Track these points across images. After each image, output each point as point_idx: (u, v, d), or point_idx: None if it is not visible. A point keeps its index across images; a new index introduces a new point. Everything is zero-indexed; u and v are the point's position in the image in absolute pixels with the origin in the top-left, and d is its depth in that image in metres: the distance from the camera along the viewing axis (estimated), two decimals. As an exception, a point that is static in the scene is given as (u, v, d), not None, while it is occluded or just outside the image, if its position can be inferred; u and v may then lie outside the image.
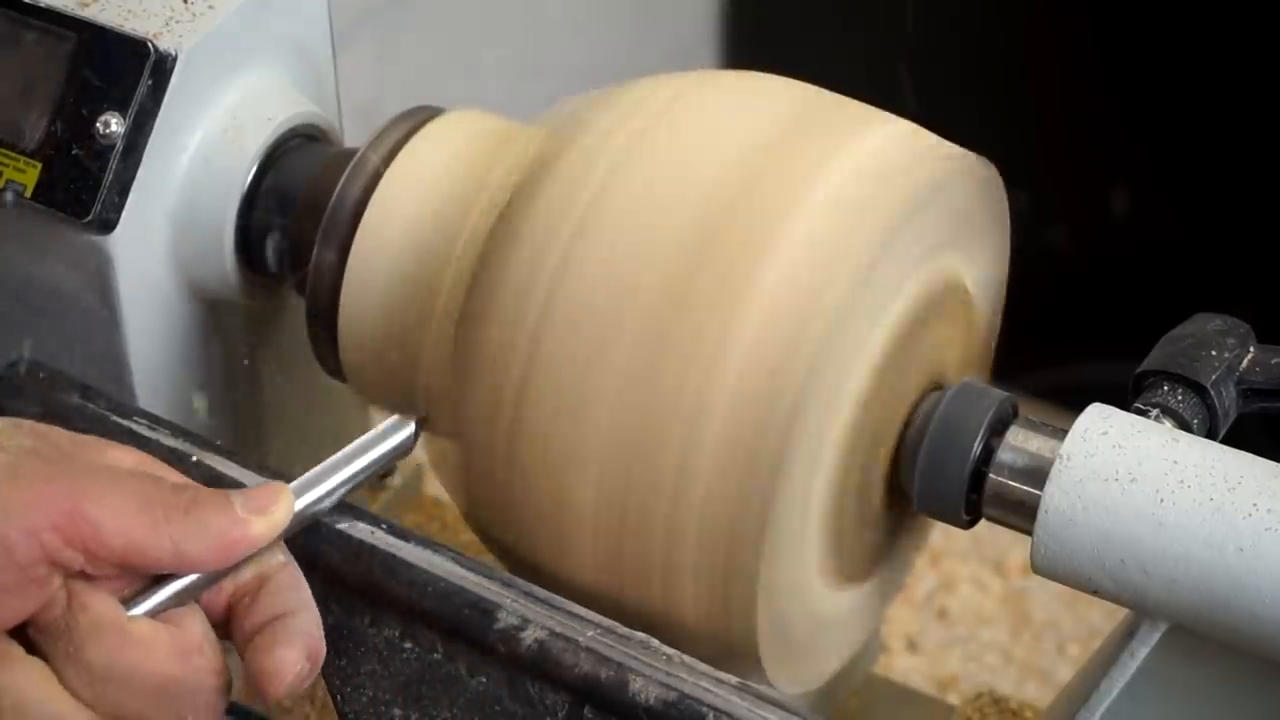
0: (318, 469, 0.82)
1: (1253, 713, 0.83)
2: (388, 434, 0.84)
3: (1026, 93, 2.07)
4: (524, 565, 0.88)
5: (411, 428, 0.84)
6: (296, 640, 0.75)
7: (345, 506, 0.85)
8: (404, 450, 0.84)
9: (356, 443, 0.83)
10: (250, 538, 0.76)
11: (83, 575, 0.74)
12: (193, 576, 0.76)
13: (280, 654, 0.75)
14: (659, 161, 0.84)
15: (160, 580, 0.76)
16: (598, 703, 0.79)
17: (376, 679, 0.83)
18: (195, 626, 0.76)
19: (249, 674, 0.75)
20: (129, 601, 0.75)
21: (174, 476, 0.78)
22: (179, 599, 0.76)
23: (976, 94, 2.07)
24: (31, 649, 0.74)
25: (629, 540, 0.83)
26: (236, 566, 0.77)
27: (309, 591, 0.78)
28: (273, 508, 0.77)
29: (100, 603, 0.74)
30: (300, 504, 0.80)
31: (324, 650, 0.77)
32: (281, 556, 0.78)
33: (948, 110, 1.12)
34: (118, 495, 0.74)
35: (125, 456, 0.78)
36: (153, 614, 0.75)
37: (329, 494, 0.81)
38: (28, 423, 0.78)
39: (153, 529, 0.74)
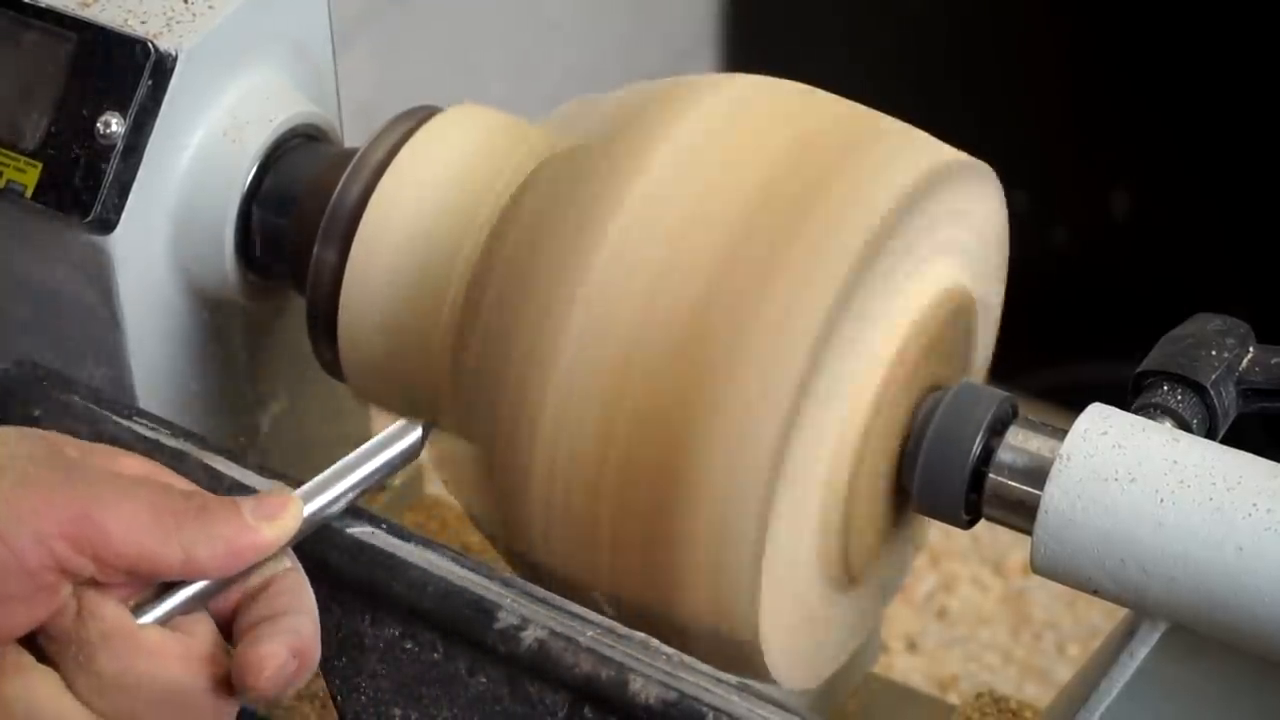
0: (325, 474, 0.81)
1: (1252, 712, 0.84)
2: (395, 438, 0.83)
3: (1027, 93, 2.07)
4: (526, 564, 0.88)
5: (419, 432, 0.83)
6: (284, 637, 0.75)
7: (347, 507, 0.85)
8: (411, 454, 0.83)
9: (364, 447, 0.82)
10: (260, 544, 0.76)
11: (92, 583, 0.74)
12: (202, 584, 0.76)
13: (266, 648, 0.74)
14: (660, 169, 0.84)
15: (169, 588, 0.75)
16: (598, 703, 0.79)
17: (376, 679, 0.83)
18: (205, 634, 0.75)
19: (234, 669, 0.74)
20: (138, 609, 0.75)
21: (182, 484, 0.78)
22: (188, 606, 0.76)
23: (976, 94, 2.07)
24: (42, 658, 0.73)
25: (632, 543, 0.83)
26: (245, 573, 0.76)
27: (311, 599, 0.77)
28: (282, 514, 0.77)
29: (111, 610, 0.74)
30: (309, 510, 0.79)
31: (316, 654, 0.76)
32: (288, 562, 0.78)
33: (948, 110, 1.12)
34: (128, 502, 0.74)
35: (135, 465, 0.78)
36: (162, 621, 0.75)
37: (337, 499, 0.81)
38: (37, 431, 0.77)
39: (163, 536, 0.74)
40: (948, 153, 0.88)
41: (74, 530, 0.72)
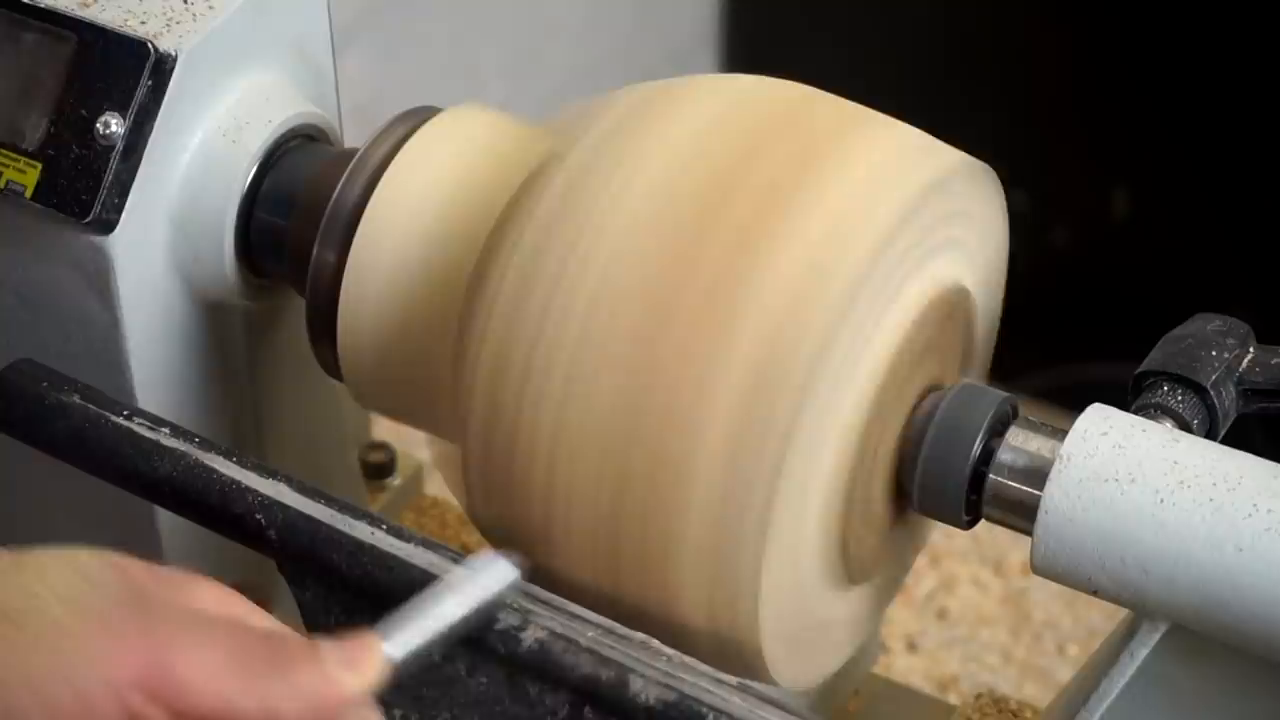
0: (410, 610, 0.75)
1: (1252, 713, 0.83)
2: (485, 571, 0.78)
3: (1026, 93, 2.07)
4: (531, 566, 0.88)
5: (513, 569, 0.78)
6: None
7: (345, 506, 0.85)
8: (505, 590, 0.78)
9: (451, 579, 0.78)
10: (342, 695, 0.72)
11: None
12: None
13: None
14: (660, 170, 0.84)
15: None
16: (598, 703, 0.79)
17: (377, 679, 0.83)
18: None
19: None
20: None
21: (261, 619, 0.74)
22: None
23: (976, 94, 2.07)
24: None
25: (632, 542, 0.83)
26: None
27: None
28: (364, 663, 0.73)
29: None
30: (392, 652, 0.74)
31: None
32: (366, 709, 0.74)
33: (948, 111, 1.12)
34: (206, 648, 0.70)
35: (211, 596, 0.73)
36: None
37: (424, 644, 0.75)
38: (118, 560, 0.72)
39: (241, 687, 0.70)
40: (948, 153, 0.88)
41: (148, 678, 0.68)
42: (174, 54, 0.91)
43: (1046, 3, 2.09)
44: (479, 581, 0.77)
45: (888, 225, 0.83)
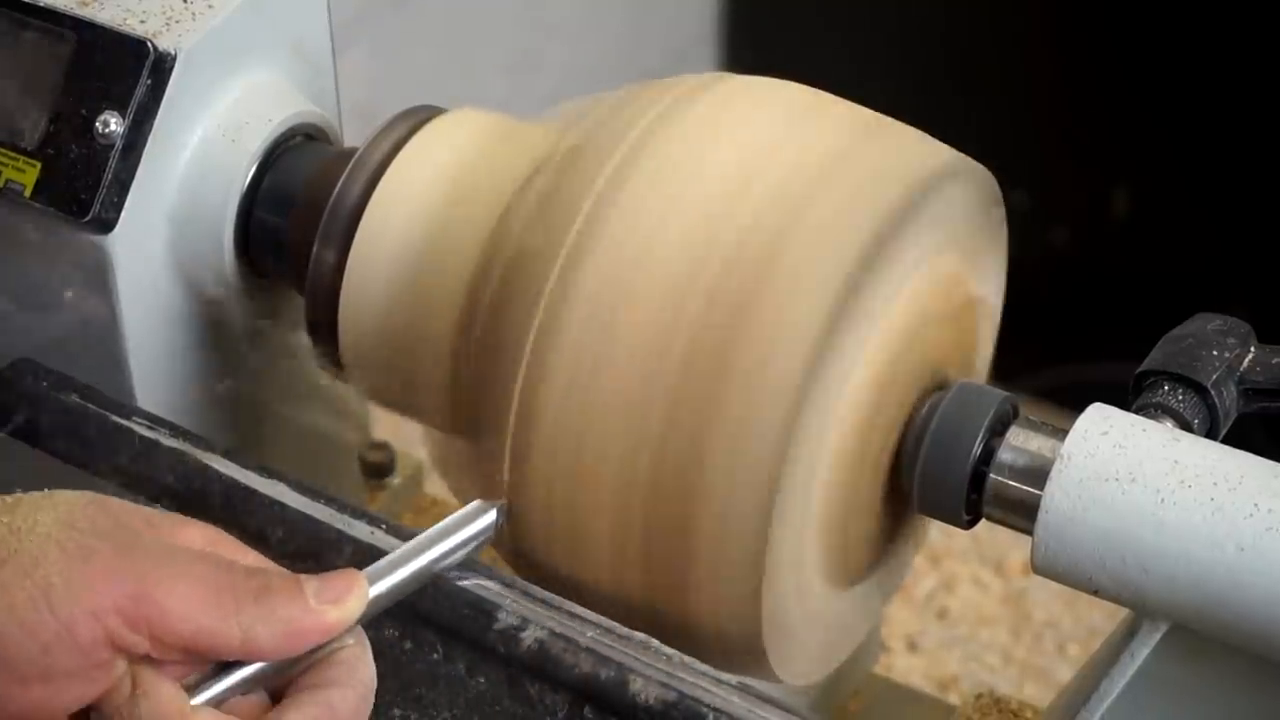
0: (396, 554, 0.79)
1: (1252, 713, 0.83)
2: (469, 518, 0.81)
3: (1027, 93, 2.07)
4: (527, 564, 0.88)
5: (493, 515, 0.82)
6: (315, 709, 0.73)
7: (345, 506, 0.85)
8: (487, 535, 0.82)
9: (437, 527, 0.80)
10: (322, 628, 0.73)
11: (147, 660, 0.72)
12: (259, 665, 0.73)
13: (289, 717, 0.72)
14: (660, 170, 0.84)
15: (226, 667, 0.73)
16: (598, 703, 0.79)
17: (377, 679, 0.83)
18: (259, 717, 0.73)
19: None
20: (193, 689, 0.72)
21: (248, 557, 0.75)
22: (244, 688, 0.73)
23: (976, 94, 2.07)
24: None
25: (638, 543, 0.83)
26: (305, 655, 0.74)
27: (366, 675, 0.75)
28: (347, 597, 0.74)
29: (164, 690, 0.71)
30: (375, 590, 0.76)
31: None
32: (350, 640, 0.75)
33: (947, 111, 1.12)
34: (187, 580, 0.71)
35: (197, 536, 0.75)
36: (216, 702, 0.73)
37: (407, 580, 0.78)
38: (106, 500, 0.74)
39: (221, 616, 0.71)
40: (947, 153, 0.88)
41: (130, 607, 0.70)
42: (173, 53, 0.91)
43: (1046, 3, 2.10)
44: (460, 526, 0.81)
45: (887, 226, 0.83)
